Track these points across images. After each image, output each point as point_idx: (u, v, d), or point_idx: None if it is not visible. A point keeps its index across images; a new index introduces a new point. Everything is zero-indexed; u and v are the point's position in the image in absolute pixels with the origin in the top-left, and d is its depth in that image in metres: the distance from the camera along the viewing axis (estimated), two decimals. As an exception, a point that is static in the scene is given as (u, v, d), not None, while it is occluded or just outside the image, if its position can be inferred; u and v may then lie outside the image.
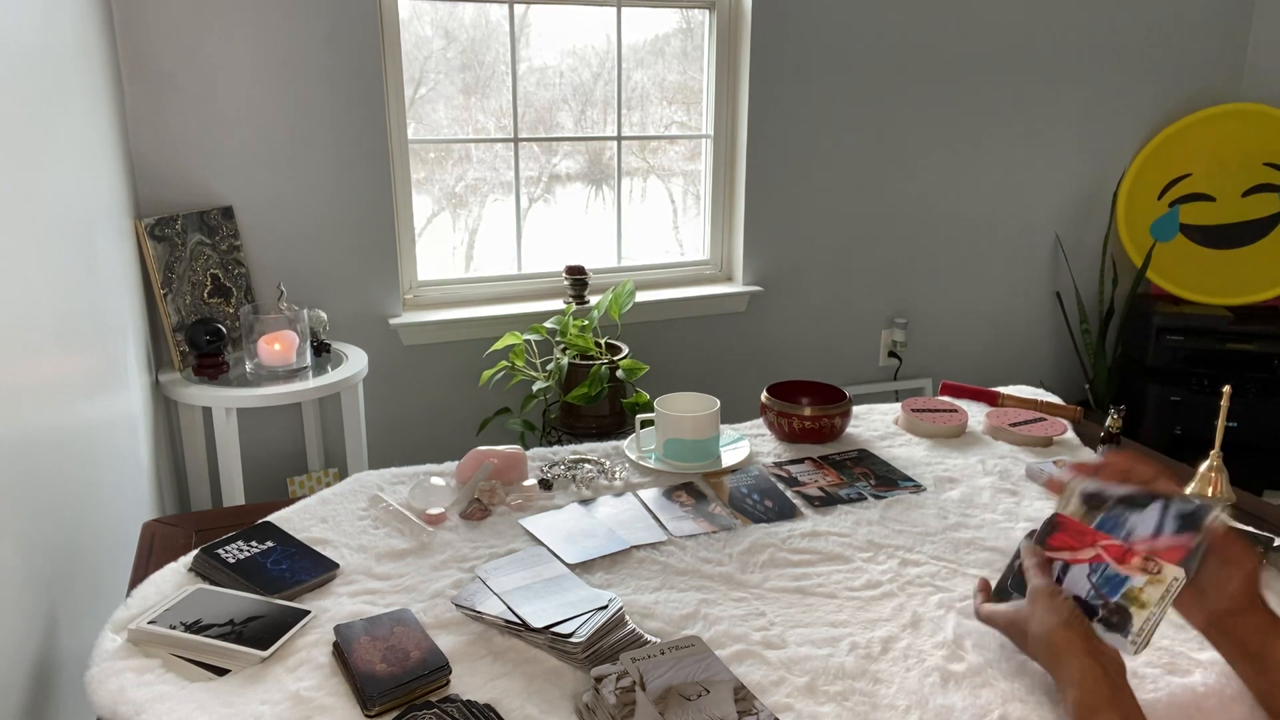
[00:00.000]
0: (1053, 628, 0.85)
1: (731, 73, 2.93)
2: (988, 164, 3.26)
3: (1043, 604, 0.88)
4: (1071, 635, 0.84)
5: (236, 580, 1.06)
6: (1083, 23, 3.22)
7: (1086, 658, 0.82)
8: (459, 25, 2.69)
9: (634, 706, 0.84)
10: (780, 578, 1.11)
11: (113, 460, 1.64)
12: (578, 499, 1.31)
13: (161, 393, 2.25)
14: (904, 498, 1.32)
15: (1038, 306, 3.51)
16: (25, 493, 1.12)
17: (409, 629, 0.97)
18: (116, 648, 0.95)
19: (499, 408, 2.77)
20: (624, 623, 0.98)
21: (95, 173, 1.81)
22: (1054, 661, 0.85)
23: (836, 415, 1.49)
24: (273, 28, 2.35)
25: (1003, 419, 1.56)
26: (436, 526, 1.23)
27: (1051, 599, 0.88)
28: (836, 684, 0.92)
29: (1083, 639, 0.84)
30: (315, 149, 2.46)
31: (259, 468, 2.59)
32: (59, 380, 1.33)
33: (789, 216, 3.05)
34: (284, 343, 2.22)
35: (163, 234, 2.22)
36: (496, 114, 2.80)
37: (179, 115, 2.32)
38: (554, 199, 2.95)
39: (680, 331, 3.01)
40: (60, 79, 1.57)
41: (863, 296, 3.24)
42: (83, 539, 1.38)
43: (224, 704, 0.87)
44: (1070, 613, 0.86)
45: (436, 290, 2.79)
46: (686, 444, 1.40)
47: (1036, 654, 0.88)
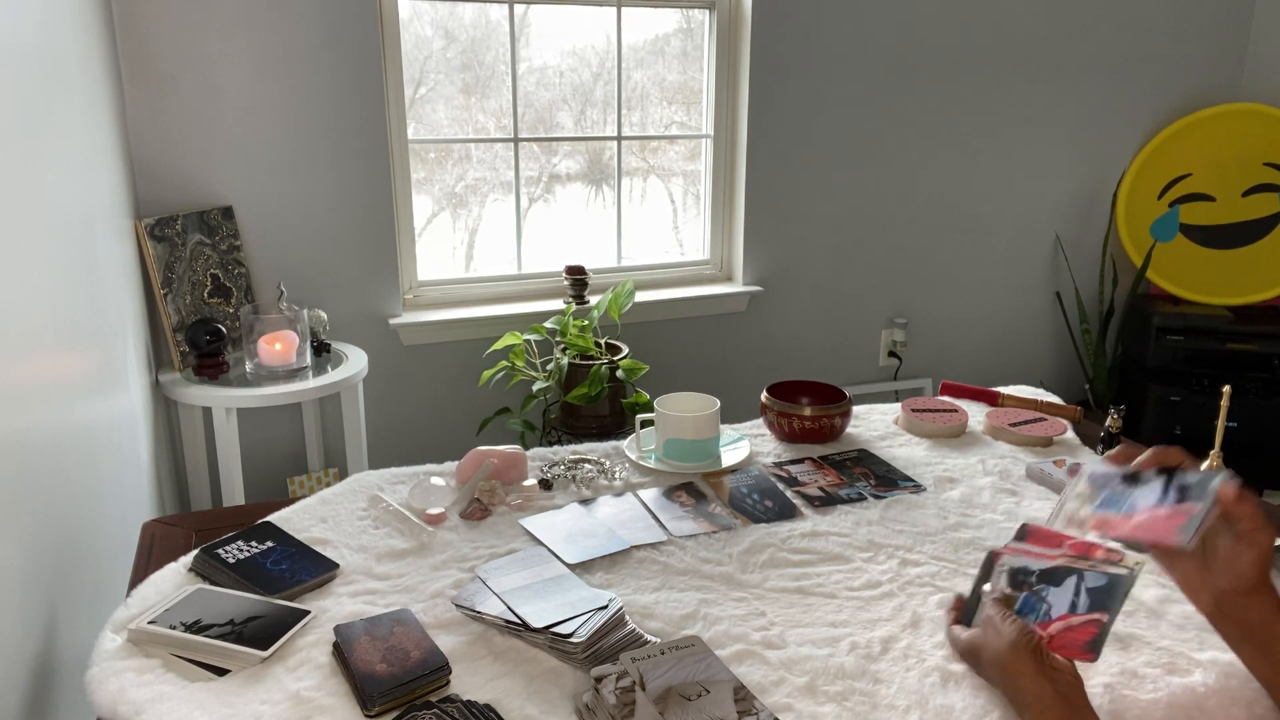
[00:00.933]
0: (1002, 650, 0.84)
1: (731, 73, 2.93)
2: (988, 164, 3.26)
3: (992, 628, 0.87)
4: (1020, 655, 0.83)
5: (236, 580, 1.06)
6: (1083, 23, 3.22)
7: (1039, 678, 0.81)
8: (459, 25, 2.69)
9: (634, 706, 0.84)
10: (780, 578, 1.11)
11: (113, 460, 1.64)
12: (578, 499, 1.31)
13: (161, 393, 2.25)
14: (904, 498, 1.32)
15: (1038, 307, 3.51)
16: (25, 493, 1.12)
17: (409, 629, 0.97)
18: (116, 648, 0.95)
19: (499, 408, 2.77)
20: (624, 623, 0.98)
21: (95, 173, 1.81)
22: (1007, 684, 0.84)
23: (836, 415, 1.49)
24: (273, 28, 2.35)
25: (1003, 419, 1.56)
26: (436, 526, 1.23)
27: (1001, 622, 0.86)
28: (836, 684, 0.92)
29: (1032, 659, 0.82)
30: (315, 149, 2.46)
31: (259, 468, 2.59)
32: (59, 380, 1.33)
33: (789, 216, 3.05)
34: (284, 343, 2.22)
35: (163, 234, 2.22)
36: (496, 114, 2.80)
37: (179, 115, 2.32)
38: (554, 199, 2.95)
39: (680, 331, 3.01)
40: (60, 79, 1.57)
41: (863, 296, 3.24)
42: (83, 539, 1.37)
43: (224, 704, 0.87)
44: (1019, 633, 0.84)
45: (436, 290, 2.79)
46: (686, 444, 1.40)
47: (991, 678, 0.88)
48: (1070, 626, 0.86)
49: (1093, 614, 0.85)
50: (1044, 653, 0.83)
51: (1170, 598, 1.05)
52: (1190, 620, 1.00)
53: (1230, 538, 0.84)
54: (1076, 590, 0.87)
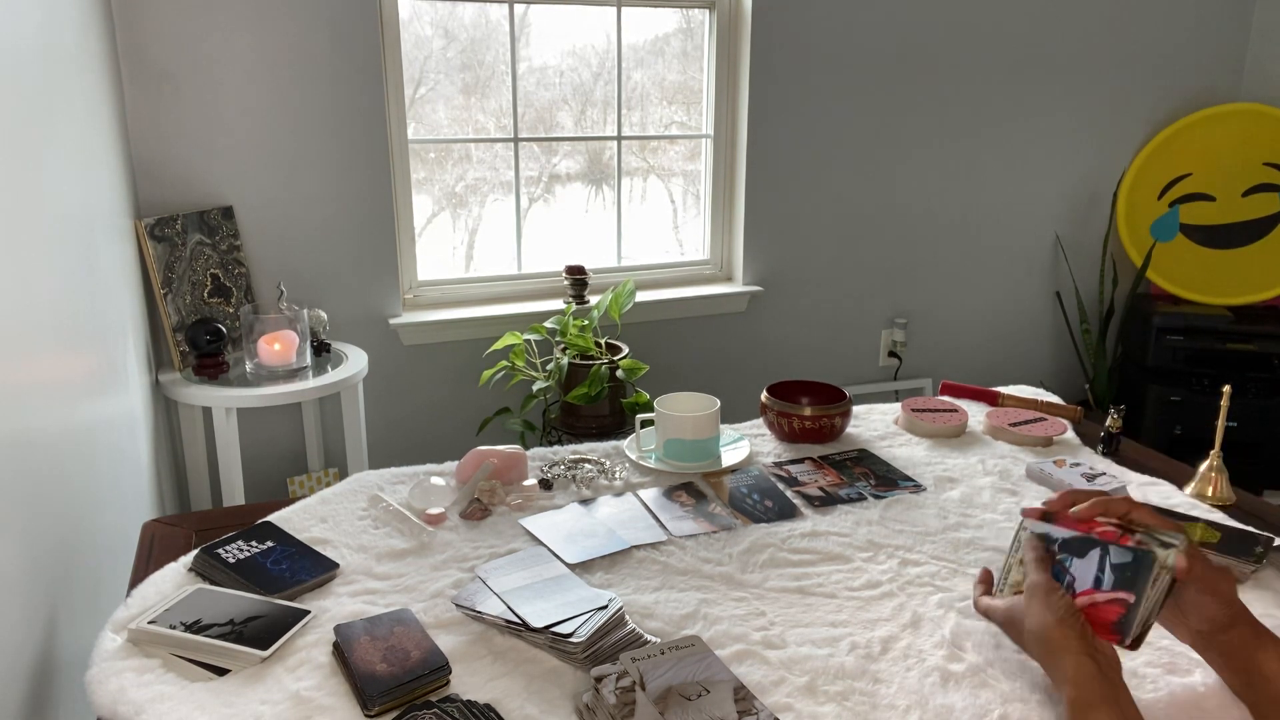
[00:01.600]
0: (1048, 624, 0.85)
1: (731, 73, 2.93)
2: (988, 164, 3.26)
3: (1039, 600, 0.87)
4: (1067, 632, 0.83)
5: (236, 580, 1.06)
6: (1083, 23, 3.22)
7: (1082, 655, 0.82)
8: (459, 25, 2.69)
9: (634, 706, 0.84)
10: (780, 578, 1.11)
11: (113, 460, 1.64)
12: (578, 499, 1.31)
13: (161, 393, 2.25)
14: (904, 498, 1.32)
15: (1038, 306, 3.51)
16: (25, 493, 1.12)
17: (409, 629, 0.97)
18: (116, 648, 0.95)
19: (499, 408, 2.77)
20: (624, 623, 0.98)
21: (95, 173, 1.81)
22: (1049, 658, 0.85)
23: (836, 415, 1.49)
24: (273, 27, 2.35)
25: (1003, 419, 1.56)
26: (436, 526, 1.23)
27: (1049, 595, 0.87)
28: (836, 684, 0.92)
29: (1078, 636, 0.83)
30: (315, 149, 2.46)
31: (259, 468, 2.59)
32: (59, 380, 1.33)
33: (789, 216, 3.05)
34: (284, 343, 2.22)
35: (163, 234, 2.22)
36: (496, 114, 2.80)
37: (179, 115, 2.32)
38: (554, 199, 2.95)
39: (680, 331, 3.01)
40: (60, 79, 1.57)
41: (863, 296, 3.24)
42: (83, 539, 1.37)
43: (224, 704, 0.87)
44: (1066, 609, 0.85)
45: (436, 290, 2.79)
46: (686, 444, 1.40)
47: (1032, 650, 0.88)
48: (1095, 603, 0.86)
49: (1118, 592, 0.84)
50: (1089, 631, 0.84)
51: (1170, 598, 1.05)
52: (1190, 620, 1.00)
53: (1193, 591, 0.85)
54: (1100, 565, 0.86)
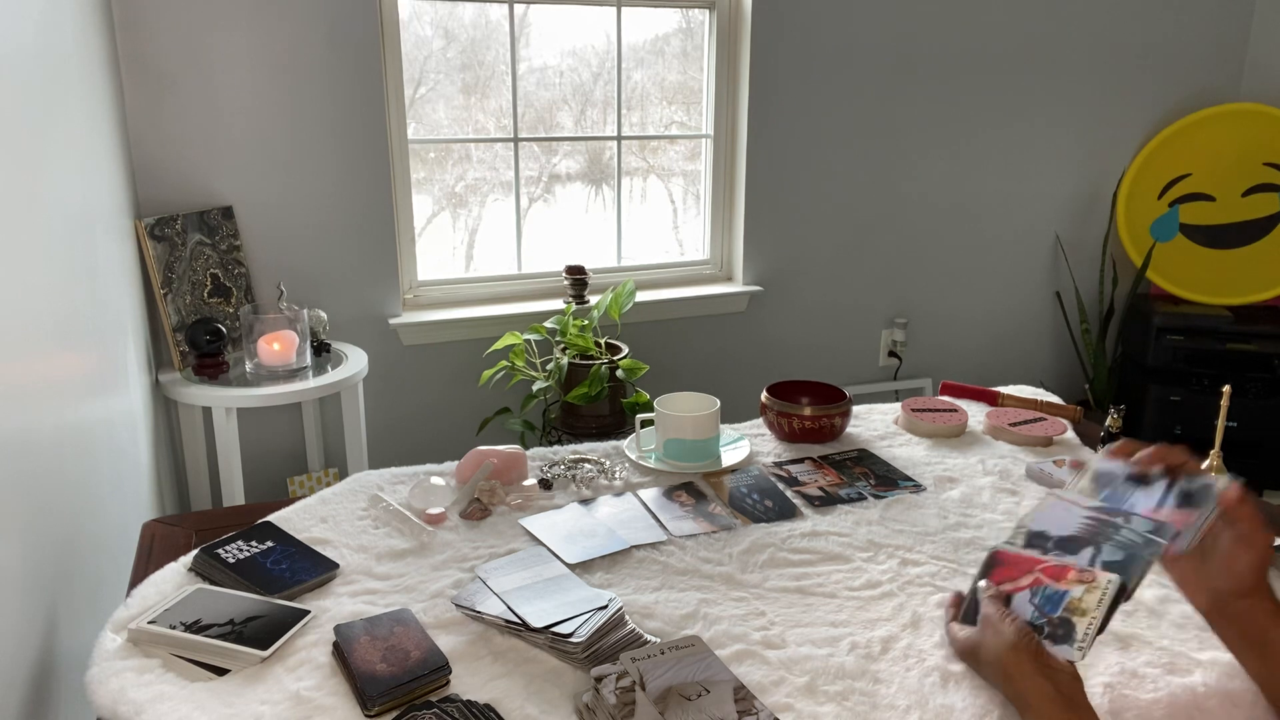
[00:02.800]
0: (1002, 651, 0.85)
1: (731, 73, 2.93)
2: (988, 164, 3.26)
3: (991, 629, 0.87)
4: (1020, 656, 0.83)
5: (236, 580, 1.06)
6: (1083, 23, 3.22)
7: (1038, 678, 0.81)
8: (459, 25, 2.69)
9: (634, 706, 0.84)
10: (780, 578, 1.11)
11: (113, 460, 1.64)
12: (578, 499, 1.31)
13: (161, 393, 2.25)
14: (904, 497, 1.32)
15: (1038, 306, 3.51)
16: (25, 493, 1.12)
17: (409, 629, 0.97)
18: (116, 648, 0.95)
19: (499, 408, 2.77)
20: (624, 623, 0.98)
21: (95, 173, 1.81)
22: (1007, 686, 0.85)
23: (836, 415, 1.49)
24: (273, 27, 2.35)
25: (1003, 419, 1.56)
26: (436, 526, 1.23)
27: (1000, 623, 0.87)
28: (836, 684, 0.92)
29: (1032, 659, 0.83)
30: (315, 149, 2.46)
31: (259, 468, 2.59)
32: (59, 380, 1.33)
33: (789, 216, 3.05)
34: (284, 343, 2.22)
35: (163, 234, 2.22)
36: (496, 114, 2.80)
37: (179, 115, 2.32)
38: (554, 199, 2.95)
39: (680, 331, 3.01)
40: (60, 79, 1.57)
41: (863, 296, 3.24)
42: (83, 539, 1.37)
43: (224, 704, 0.87)
44: (1017, 634, 0.85)
45: (436, 290, 2.79)
46: (686, 444, 1.40)
47: (991, 680, 0.88)
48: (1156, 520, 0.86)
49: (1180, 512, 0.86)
50: (1043, 653, 0.83)
51: (1170, 597, 1.05)
52: (1190, 620, 1.00)
53: (1229, 539, 0.84)
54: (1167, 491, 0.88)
